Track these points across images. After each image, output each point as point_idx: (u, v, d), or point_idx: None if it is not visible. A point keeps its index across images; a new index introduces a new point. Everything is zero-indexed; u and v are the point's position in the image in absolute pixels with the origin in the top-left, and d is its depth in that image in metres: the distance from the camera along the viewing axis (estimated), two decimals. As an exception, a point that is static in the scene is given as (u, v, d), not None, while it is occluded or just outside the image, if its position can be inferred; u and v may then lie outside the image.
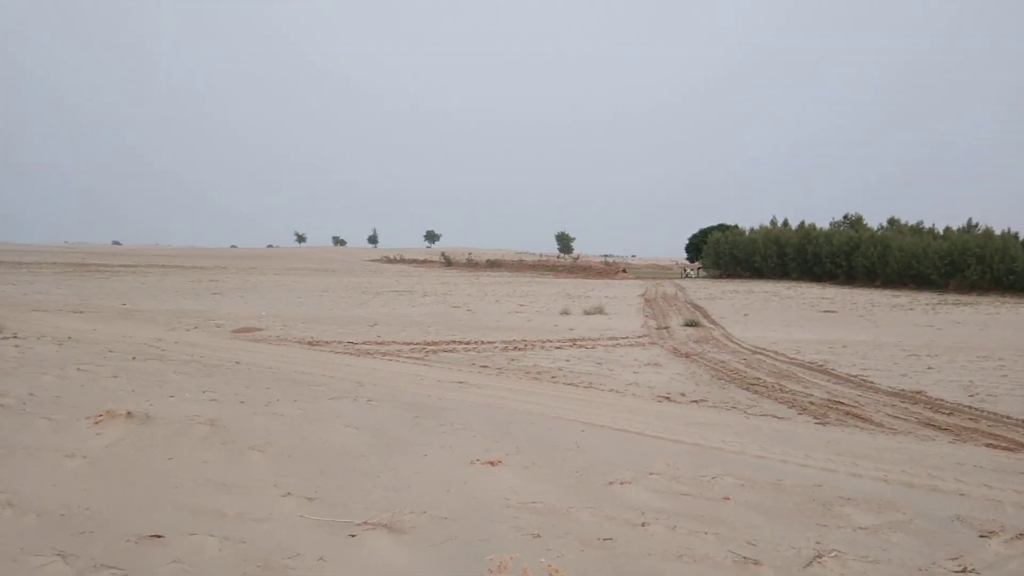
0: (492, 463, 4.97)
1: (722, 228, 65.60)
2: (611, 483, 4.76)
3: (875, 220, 68.50)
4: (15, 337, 10.77)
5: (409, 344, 13.42)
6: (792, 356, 12.91)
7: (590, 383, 9.49)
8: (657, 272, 76.44)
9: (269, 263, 73.78)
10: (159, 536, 3.43)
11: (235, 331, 14.91)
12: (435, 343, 13.63)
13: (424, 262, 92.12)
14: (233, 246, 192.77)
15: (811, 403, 8.84)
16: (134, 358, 9.26)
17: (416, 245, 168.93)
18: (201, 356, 10.02)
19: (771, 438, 6.95)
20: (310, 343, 13.20)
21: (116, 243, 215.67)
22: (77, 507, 3.76)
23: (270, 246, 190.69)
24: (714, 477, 5.11)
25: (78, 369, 7.93)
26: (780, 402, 8.88)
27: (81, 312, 17.37)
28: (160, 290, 27.77)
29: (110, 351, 9.82)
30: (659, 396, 8.88)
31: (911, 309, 26.46)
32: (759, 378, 10.50)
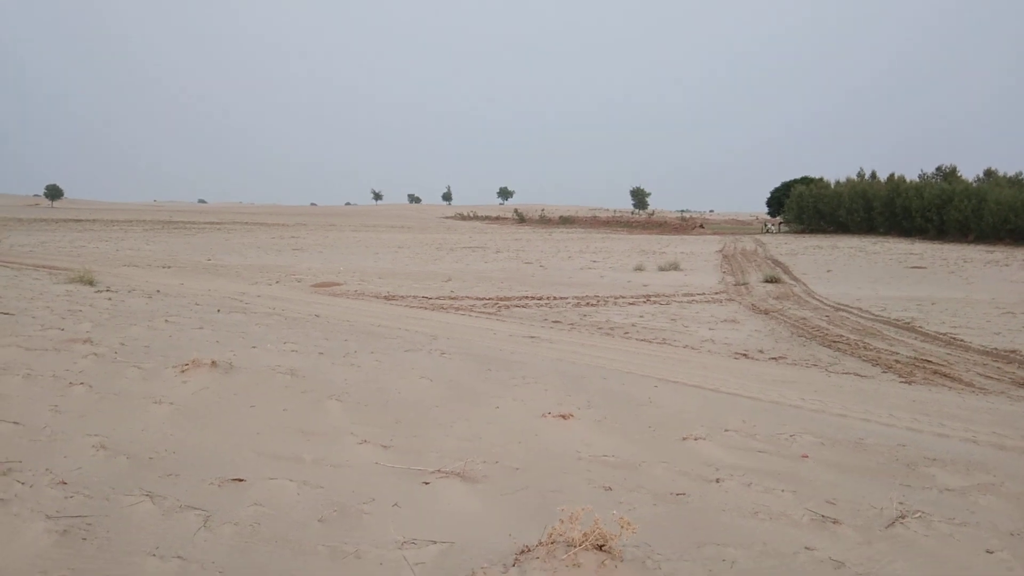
0: (564, 416, 4.95)
1: (806, 181, 63.26)
2: (684, 439, 4.68)
3: (970, 171, 64.78)
4: (108, 290, 11.30)
5: (482, 299, 13.51)
6: (877, 313, 12.42)
7: (664, 339, 9.35)
8: (736, 228, 74.51)
9: (347, 220, 75.35)
10: (240, 480, 3.54)
11: (315, 285, 15.29)
12: (507, 298, 13.67)
13: (497, 219, 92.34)
14: (313, 204, 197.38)
15: (896, 361, 8.50)
16: (219, 311, 9.58)
17: (490, 202, 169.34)
18: (282, 309, 10.30)
19: (853, 396, 6.72)
20: (386, 297, 13.43)
21: (202, 201, 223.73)
22: (164, 451, 3.92)
23: (348, 203, 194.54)
24: (792, 435, 4.96)
25: (166, 321, 8.25)
26: (864, 360, 8.57)
27: (169, 267, 18.11)
28: (243, 246, 28.68)
29: (196, 304, 10.20)
30: (736, 353, 8.69)
31: (1007, 265, 25.07)
32: (842, 335, 10.14)
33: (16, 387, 5.02)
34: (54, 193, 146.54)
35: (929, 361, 8.49)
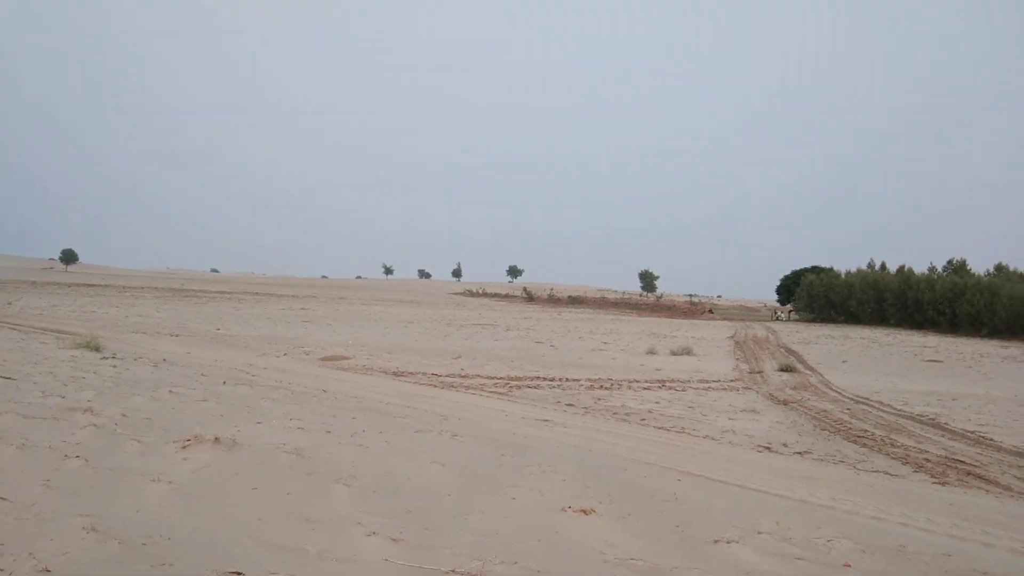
0: (585, 511, 4.64)
1: (816, 270, 63.35)
2: (716, 541, 4.36)
3: (980, 266, 64.65)
4: (114, 357, 11.11)
5: (493, 378, 13.23)
6: (899, 408, 12.06)
7: (683, 428, 9.03)
8: (745, 314, 74.32)
9: (357, 293, 75.57)
10: (239, 573, 3.26)
11: (323, 359, 15.07)
12: (519, 378, 13.39)
13: (506, 296, 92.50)
14: (324, 276, 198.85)
15: (927, 460, 8.15)
16: (224, 382, 9.36)
17: (498, 279, 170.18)
18: (289, 383, 10.07)
19: (886, 497, 6.37)
20: (395, 373, 13.18)
21: (214, 270, 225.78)
22: (159, 536, 3.64)
23: (359, 277, 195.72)
24: (829, 540, 4.63)
25: (170, 392, 8.02)
26: (892, 457, 8.22)
27: (177, 335, 17.96)
28: (253, 317, 28.59)
29: (202, 375, 9.98)
30: (759, 446, 8.36)
31: (1024, 361, 24.65)
32: (866, 430, 9.80)
33: (9, 458, 4.77)
34: (69, 257, 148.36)
35: (961, 461, 8.12)
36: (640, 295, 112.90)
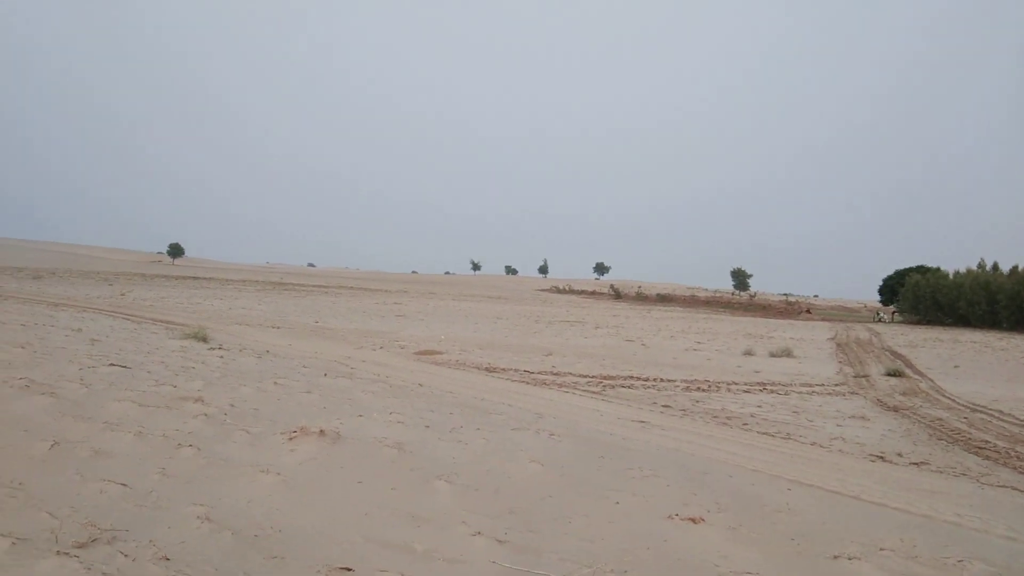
0: (693, 520, 4.45)
1: (921, 270, 60.19)
2: (836, 557, 4.10)
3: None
4: (220, 348, 11.52)
5: (585, 377, 13.06)
6: (1022, 418, 11.23)
7: (788, 434, 8.63)
8: (844, 315, 71.27)
9: (447, 289, 76.61)
10: (348, 569, 3.25)
11: (417, 353, 15.23)
12: (611, 377, 13.17)
13: (592, 293, 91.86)
14: (414, 271, 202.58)
15: (1060, 476, 7.51)
16: (325, 374, 9.55)
17: (585, 276, 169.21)
18: (387, 376, 10.19)
19: (1017, 516, 5.89)
20: (487, 369, 13.17)
21: (311, 265, 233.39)
22: (270, 528, 3.68)
23: (447, 273, 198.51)
24: (960, 560, 4.29)
25: (275, 383, 8.23)
26: (1019, 472, 7.62)
27: (278, 327, 18.52)
28: (349, 310, 29.29)
29: (304, 367, 10.22)
30: (871, 455, 7.89)
31: None
32: (987, 441, 9.13)
33: (127, 445, 4.95)
34: (176, 251, 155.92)
35: (1100, 479, 7.45)
36: (732, 294, 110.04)
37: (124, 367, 8.48)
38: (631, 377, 13.38)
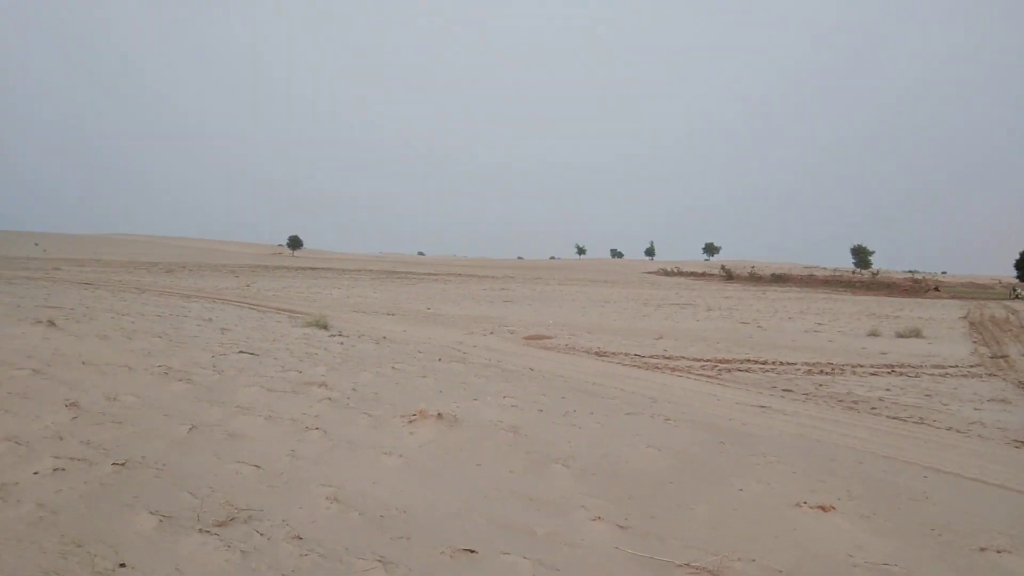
0: (823, 508, 4.25)
1: (1067, 241, 55.56)
2: (983, 549, 3.82)
3: None
4: (340, 335, 11.94)
5: (699, 360, 12.75)
6: None
7: (921, 418, 8.13)
8: (976, 292, 66.67)
9: (552, 274, 76.74)
10: (472, 551, 3.28)
11: (526, 338, 15.31)
12: (727, 360, 12.81)
13: (703, 275, 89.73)
14: (520, 257, 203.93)
15: None
16: (439, 359, 9.73)
17: (694, 258, 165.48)
18: (498, 361, 10.30)
19: None
20: (597, 353, 13.08)
21: (421, 253, 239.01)
22: (395, 508, 3.77)
23: (553, 258, 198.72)
24: None
25: (393, 368, 8.45)
26: None
27: (393, 315, 19.04)
28: (459, 296, 29.81)
29: (419, 352, 10.46)
30: (1015, 440, 7.34)
31: None
32: None
33: (258, 428, 5.19)
34: (295, 243, 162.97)
35: None
36: (853, 272, 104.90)
37: (252, 354, 8.92)
38: (748, 360, 12.98)
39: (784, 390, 9.75)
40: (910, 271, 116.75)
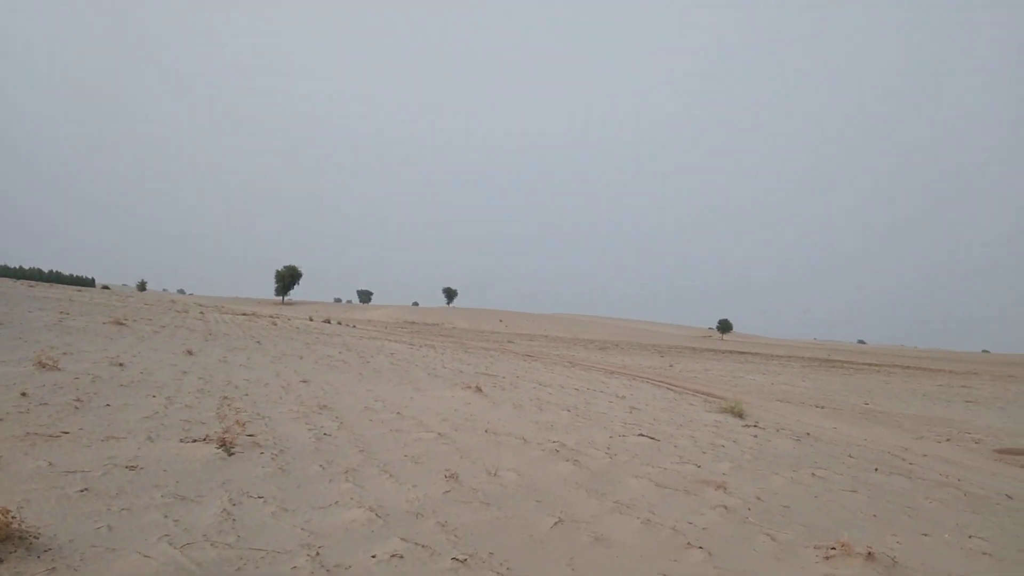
0: None
1: None
2: None
3: None
4: (756, 426, 10.59)
5: None
6: None
7: None
8: None
9: (1032, 372, 63.20)
10: None
11: (999, 451, 12.06)
12: None
13: None
14: (985, 351, 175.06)
15: None
16: (876, 469, 7.83)
17: None
18: (959, 480, 7.95)
19: None
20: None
21: (861, 342, 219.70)
22: None
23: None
24: None
25: (812, 474, 6.91)
26: None
27: (822, 407, 16.85)
28: (905, 392, 25.70)
29: (849, 455, 8.63)
30: None
31: None
32: None
33: (630, 534, 4.29)
34: (725, 327, 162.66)
35: None
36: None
37: (653, 439, 8.16)
38: None
39: None
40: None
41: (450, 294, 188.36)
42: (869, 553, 4.07)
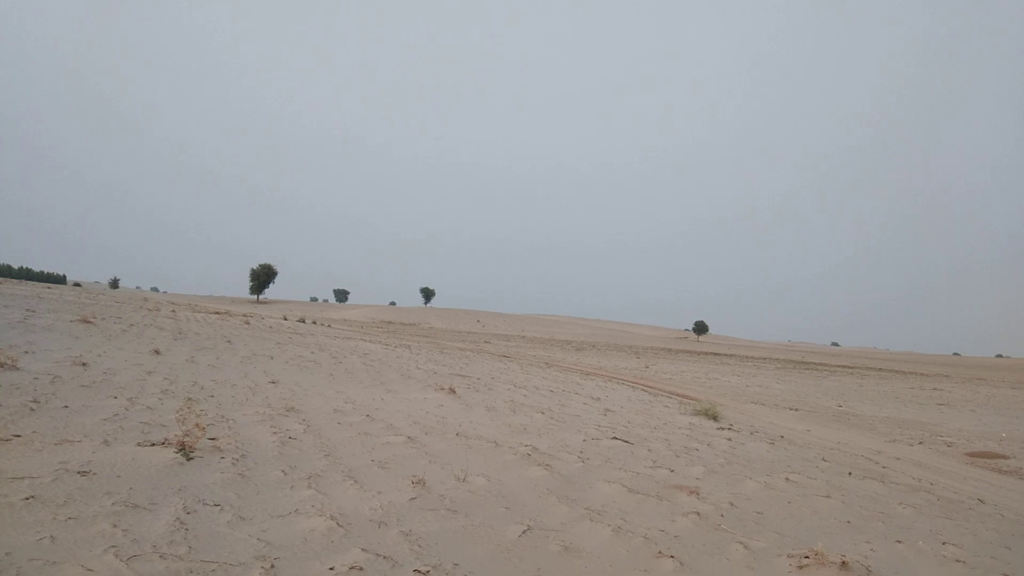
0: None
1: None
2: None
3: None
4: (730, 428, 10.55)
5: None
6: None
7: None
8: None
9: (1001, 375, 64.17)
10: None
11: (969, 454, 12.13)
12: None
13: None
14: (956, 353, 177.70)
15: None
16: (850, 473, 7.80)
17: None
18: (931, 484, 7.95)
19: None
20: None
21: (835, 344, 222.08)
22: None
23: (999, 356, 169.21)
24: None
25: (786, 479, 6.84)
26: None
27: (796, 409, 16.90)
28: (878, 395, 25.89)
29: (823, 459, 8.60)
30: None
31: None
32: None
33: (600, 543, 4.18)
34: (700, 328, 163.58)
35: None
36: None
37: (626, 442, 8.07)
38: None
39: None
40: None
41: (428, 294, 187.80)
42: (843, 562, 3.99)
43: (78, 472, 4.31)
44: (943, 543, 5.09)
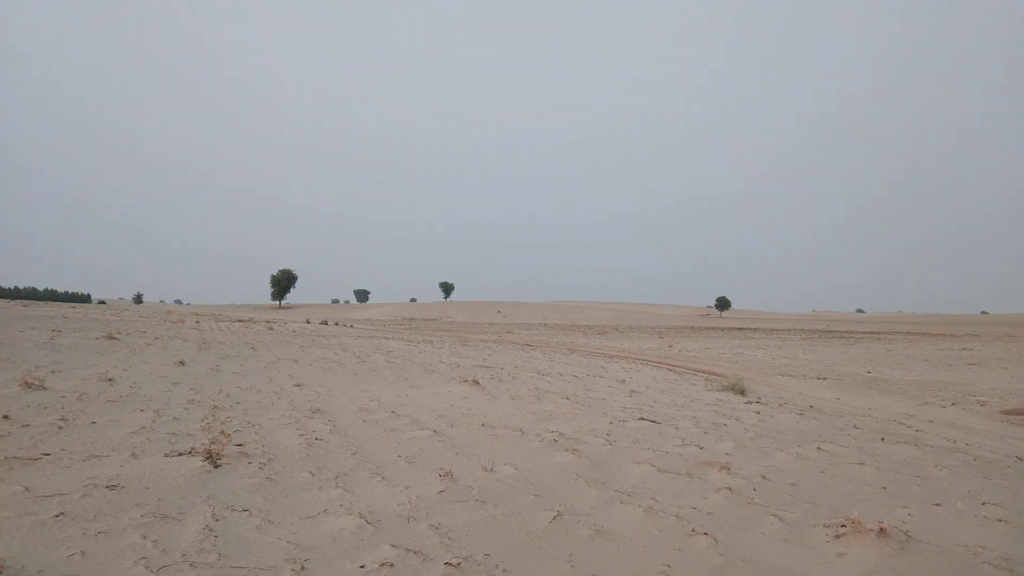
0: None
1: None
2: None
3: None
4: (758, 402, 10.44)
5: None
6: None
7: None
8: None
9: (1033, 330, 63.24)
10: None
11: (1004, 412, 11.93)
12: None
13: None
14: (983, 312, 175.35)
15: None
16: (883, 439, 7.68)
17: None
18: (967, 445, 7.81)
19: None
20: None
21: (859, 311, 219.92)
22: None
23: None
24: None
25: (818, 448, 6.75)
26: None
27: (824, 379, 16.72)
28: (906, 358, 25.58)
29: (854, 427, 8.48)
30: None
31: None
32: None
33: (632, 525, 4.13)
34: (723, 304, 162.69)
35: None
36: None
37: (653, 422, 8.01)
38: None
39: None
40: None
41: (447, 288, 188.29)
42: (881, 529, 3.91)
43: (107, 486, 4.33)
44: (983, 503, 4.98)
